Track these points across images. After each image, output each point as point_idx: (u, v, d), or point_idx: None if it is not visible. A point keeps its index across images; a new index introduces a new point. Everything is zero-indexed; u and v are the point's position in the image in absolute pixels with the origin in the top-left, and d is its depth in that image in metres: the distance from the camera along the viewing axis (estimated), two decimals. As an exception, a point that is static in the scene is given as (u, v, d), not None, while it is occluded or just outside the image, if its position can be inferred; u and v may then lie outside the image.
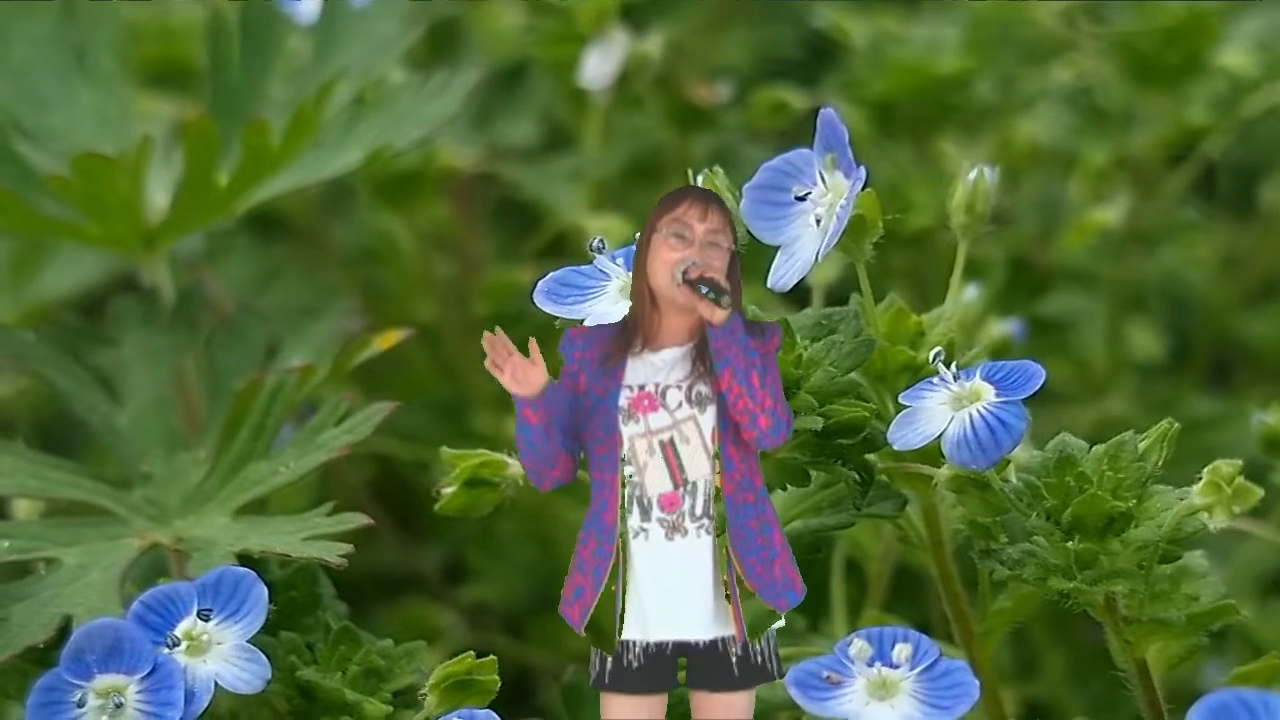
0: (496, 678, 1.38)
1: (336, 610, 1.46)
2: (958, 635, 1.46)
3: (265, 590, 1.35)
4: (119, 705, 1.32)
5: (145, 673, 1.33)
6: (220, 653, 1.34)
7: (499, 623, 1.97)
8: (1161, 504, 1.34)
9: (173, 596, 1.35)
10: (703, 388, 1.27)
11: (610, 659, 1.28)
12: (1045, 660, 1.88)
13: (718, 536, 1.27)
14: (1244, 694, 1.18)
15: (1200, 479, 1.32)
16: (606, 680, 1.28)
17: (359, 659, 1.41)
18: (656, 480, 1.27)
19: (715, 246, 1.27)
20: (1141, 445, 1.36)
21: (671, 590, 1.27)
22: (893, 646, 1.30)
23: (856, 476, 1.36)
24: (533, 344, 1.27)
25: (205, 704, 1.33)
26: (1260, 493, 1.31)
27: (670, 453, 1.27)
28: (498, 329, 1.27)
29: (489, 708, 1.36)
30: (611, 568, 1.27)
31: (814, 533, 1.43)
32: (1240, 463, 1.31)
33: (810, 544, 1.43)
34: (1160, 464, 1.36)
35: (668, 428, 1.27)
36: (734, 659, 1.28)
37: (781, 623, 1.31)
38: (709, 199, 1.28)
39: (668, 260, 1.27)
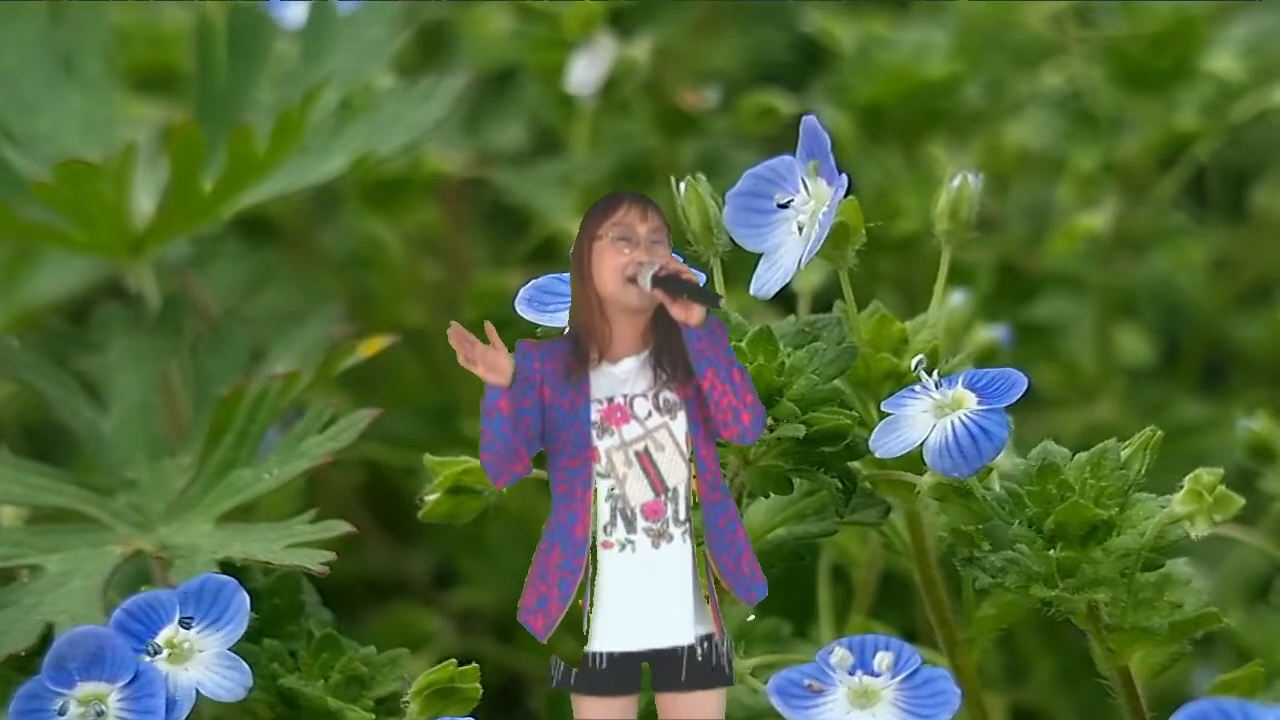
0: (479, 685, 1.37)
1: (320, 617, 1.46)
2: (942, 642, 1.46)
3: (247, 598, 1.35)
4: (100, 713, 1.32)
5: (127, 680, 1.32)
6: (202, 660, 1.34)
7: (488, 627, 1.97)
8: (1144, 512, 1.34)
9: (155, 604, 1.35)
10: (668, 394, 1.27)
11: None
12: (1034, 666, 1.88)
13: (696, 538, 1.27)
14: (1223, 703, 1.18)
15: (1182, 487, 1.32)
16: (572, 682, 1.28)
17: (341, 666, 1.40)
18: (637, 491, 1.27)
19: (660, 245, 1.27)
20: (1124, 453, 1.36)
21: (659, 598, 1.27)
22: (874, 655, 1.30)
23: (839, 484, 1.36)
24: (490, 330, 1.26)
25: (187, 712, 1.32)
26: (1241, 501, 1.31)
27: (647, 462, 1.27)
28: (453, 323, 1.26)
29: (476, 713, 1.36)
30: (580, 583, 1.26)
31: (798, 540, 1.43)
32: (1222, 471, 1.31)
33: (794, 551, 1.43)
34: (1143, 472, 1.36)
35: (641, 437, 1.27)
36: (697, 659, 1.27)
37: (752, 616, 1.30)
38: (645, 201, 1.27)
39: (616, 265, 1.26)
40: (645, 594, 1.27)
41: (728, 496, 1.28)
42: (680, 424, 1.27)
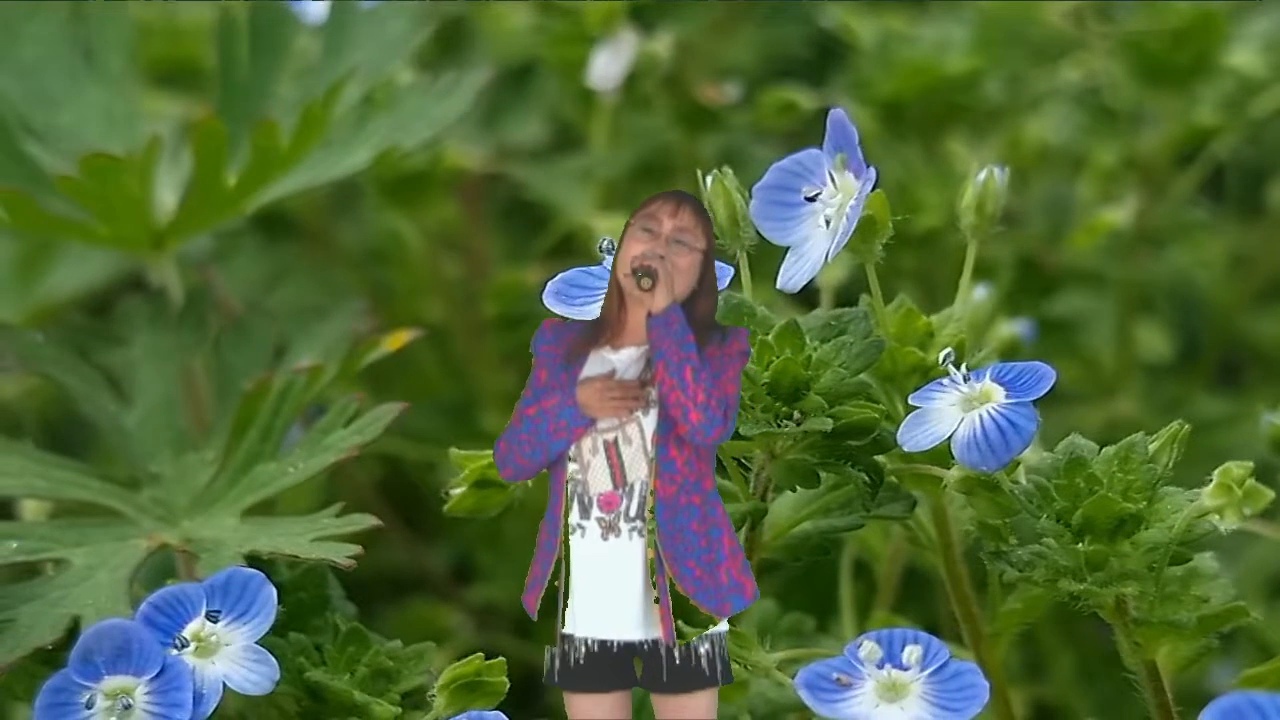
0: (505, 679, 1.38)
1: (345, 611, 1.46)
2: (967, 637, 1.45)
3: (274, 591, 1.35)
4: (127, 706, 1.32)
5: (154, 674, 1.32)
6: (229, 654, 1.34)
7: (507, 623, 1.97)
8: (1172, 506, 1.34)
9: (181, 598, 1.35)
10: (651, 390, 1.27)
11: (558, 657, 1.29)
12: (1054, 661, 1.88)
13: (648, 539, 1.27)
14: (1255, 697, 1.17)
15: (1211, 480, 1.32)
16: (556, 678, 1.29)
17: (368, 660, 1.40)
18: (598, 479, 1.27)
19: (681, 244, 1.27)
20: (1152, 447, 1.35)
21: (601, 589, 1.27)
22: (903, 648, 1.29)
23: (866, 478, 1.36)
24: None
25: (213, 705, 1.32)
26: (1270, 494, 1.31)
27: (613, 453, 1.27)
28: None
29: (497, 708, 1.36)
30: (556, 562, 1.27)
31: (823, 534, 1.43)
32: (1251, 464, 1.31)
33: (819, 545, 1.43)
34: (1170, 466, 1.36)
35: (613, 427, 1.27)
36: (675, 662, 1.28)
37: (724, 627, 1.29)
38: (683, 199, 1.28)
39: (630, 253, 1.27)
40: (593, 584, 1.28)
41: (711, 502, 1.27)
42: (651, 421, 1.27)
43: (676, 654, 1.27)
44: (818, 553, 1.43)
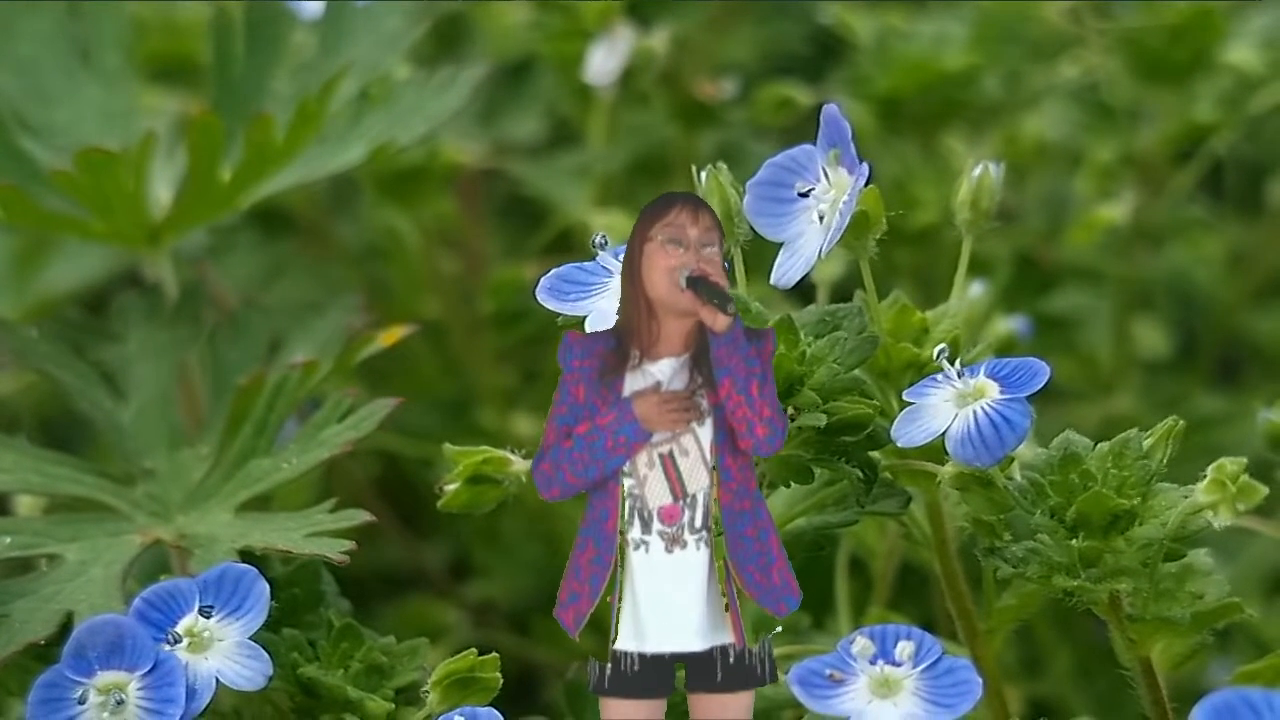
0: (499, 675, 1.37)
1: (339, 607, 1.46)
2: (962, 633, 1.45)
3: (267, 587, 1.35)
4: (120, 702, 1.32)
5: (146, 669, 1.32)
6: (222, 650, 1.34)
7: (504, 620, 1.97)
8: (1166, 502, 1.34)
9: (174, 593, 1.35)
10: (701, 400, 1.27)
11: (609, 667, 1.28)
12: (1050, 658, 1.88)
13: (715, 547, 1.27)
14: (1248, 693, 1.17)
15: (1205, 477, 1.32)
16: (606, 685, 1.28)
17: (361, 656, 1.40)
18: (657, 493, 1.27)
19: (710, 246, 1.27)
20: (1146, 443, 1.36)
21: (669, 602, 1.27)
22: (895, 644, 1.29)
23: (860, 474, 1.36)
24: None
25: (206, 701, 1.33)
26: (1264, 491, 1.31)
27: (670, 465, 1.27)
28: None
29: (492, 705, 1.36)
30: (609, 577, 1.27)
31: (818, 530, 1.42)
32: (1245, 461, 1.31)
33: (814, 541, 1.43)
34: (1165, 462, 1.36)
35: (667, 440, 1.27)
36: (730, 661, 1.28)
37: (779, 629, 1.31)
38: (698, 202, 1.28)
39: (667, 267, 1.26)
40: (659, 596, 1.27)
41: (759, 505, 1.28)
42: (707, 431, 1.27)
43: (732, 655, 1.28)
44: (812, 549, 1.42)
